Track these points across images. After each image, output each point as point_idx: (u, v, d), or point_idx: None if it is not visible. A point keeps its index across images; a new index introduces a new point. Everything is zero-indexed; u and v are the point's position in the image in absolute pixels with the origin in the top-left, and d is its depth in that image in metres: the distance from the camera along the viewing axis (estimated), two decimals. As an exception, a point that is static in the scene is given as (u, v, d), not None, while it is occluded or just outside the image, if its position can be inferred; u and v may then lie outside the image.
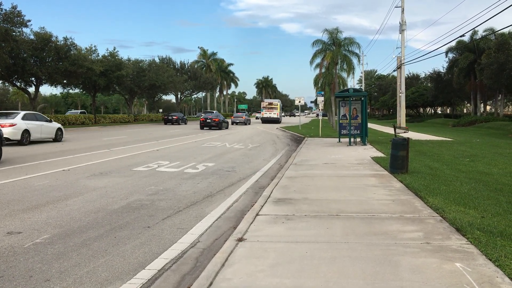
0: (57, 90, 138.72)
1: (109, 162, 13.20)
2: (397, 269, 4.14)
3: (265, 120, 57.05)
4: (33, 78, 38.54)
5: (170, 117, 50.28)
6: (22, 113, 20.22)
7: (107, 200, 7.70)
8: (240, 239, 5.12)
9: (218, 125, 37.82)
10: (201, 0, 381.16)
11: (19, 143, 18.72)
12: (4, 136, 13.93)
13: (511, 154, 14.80)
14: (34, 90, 40.58)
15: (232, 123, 50.17)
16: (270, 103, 58.84)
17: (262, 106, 59.90)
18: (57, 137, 21.67)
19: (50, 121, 22.08)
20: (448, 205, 6.68)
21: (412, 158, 11.96)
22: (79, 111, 54.75)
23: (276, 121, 56.56)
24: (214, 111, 51.01)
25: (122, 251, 5.06)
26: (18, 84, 39.81)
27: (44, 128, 20.76)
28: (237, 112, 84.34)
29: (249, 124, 52.93)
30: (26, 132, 19.13)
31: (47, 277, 4.26)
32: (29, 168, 11.55)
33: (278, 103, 59.98)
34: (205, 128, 37.93)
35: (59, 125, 22.42)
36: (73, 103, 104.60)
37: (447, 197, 7.27)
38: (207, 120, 37.88)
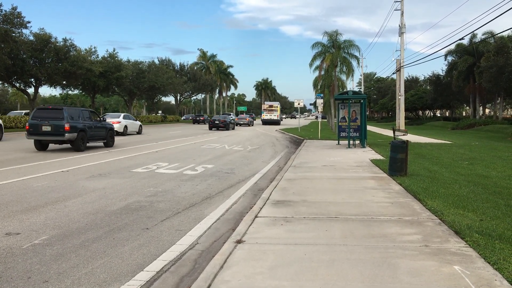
0: (56, 91, 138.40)
1: (108, 163, 13.19)
2: (396, 271, 4.14)
3: (266, 122, 59.85)
4: (32, 79, 38.51)
5: (198, 118, 61.25)
6: (122, 114, 30.67)
7: (105, 202, 7.70)
8: (239, 241, 5.11)
9: (226, 126, 40.57)
10: (201, 2, 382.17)
11: (121, 134, 27.64)
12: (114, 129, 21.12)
13: (510, 157, 14.82)
14: (33, 91, 40.56)
15: (237, 124, 53.45)
16: (271, 106, 61.98)
17: (262, 108, 63.22)
18: (139, 131, 31.32)
19: (135, 120, 32.39)
20: (447, 208, 6.69)
21: (411, 161, 11.97)
22: (23, 111, 44.27)
23: (276, 122, 59.38)
24: (231, 113, 60.66)
25: (120, 253, 5.05)
26: (18, 85, 39.77)
27: (133, 124, 30.60)
28: (236, 114, 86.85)
29: (252, 125, 56.44)
30: (125, 127, 28.77)
31: (45, 278, 4.26)
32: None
33: (278, 106, 62.84)
34: (213, 128, 40.48)
35: (140, 123, 32.32)
36: (72, 104, 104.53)
37: (446, 200, 7.27)
38: (216, 121, 40.96)
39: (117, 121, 27.46)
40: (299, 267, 4.27)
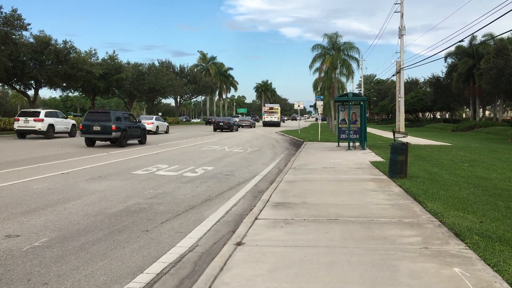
0: (56, 93, 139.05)
1: (108, 165, 13.19)
2: (396, 274, 4.14)
3: (267, 124, 61.66)
4: (32, 81, 38.49)
5: (209, 120, 64.41)
6: (155, 117, 36.41)
7: (105, 204, 7.70)
8: (239, 243, 5.11)
9: (230, 128, 41.90)
10: (201, 4, 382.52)
11: (153, 133, 32.68)
12: (147, 129, 25.50)
13: (510, 159, 14.82)
14: (33, 93, 40.53)
15: (239, 125, 54.72)
16: (271, 108, 64.39)
17: (263, 110, 65.48)
18: (167, 131, 36.39)
19: (164, 120, 38.46)
20: (447, 210, 6.69)
21: (411, 163, 11.97)
22: None
23: (277, 124, 61.18)
24: (239, 115, 62.95)
25: (120, 255, 5.05)
26: (18, 87, 39.76)
27: (163, 125, 36.02)
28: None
29: (254, 127, 58.29)
30: (157, 127, 34.34)
31: (45, 281, 4.26)
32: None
33: (278, 108, 64.65)
34: (217, 130, 41.56)
35: (167, 124, 37.94)
36: (72, 106, 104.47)
37: (446, 202, 7.28)
38: (220, 123, 42.29)
39: (151, 122, 33.35)
40: (299, 269, 4.27)
